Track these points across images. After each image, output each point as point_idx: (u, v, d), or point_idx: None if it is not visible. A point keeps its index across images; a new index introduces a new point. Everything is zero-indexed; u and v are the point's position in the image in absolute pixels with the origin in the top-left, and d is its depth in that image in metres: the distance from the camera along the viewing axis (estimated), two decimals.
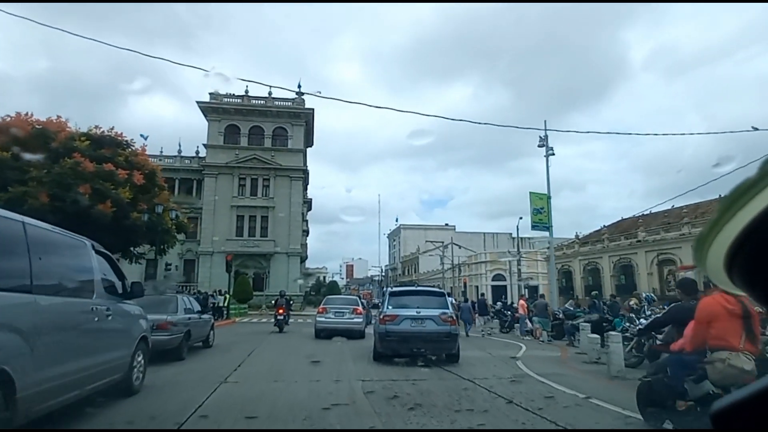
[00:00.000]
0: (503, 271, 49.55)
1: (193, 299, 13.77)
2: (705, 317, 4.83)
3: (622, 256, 30.95)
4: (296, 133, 53.11)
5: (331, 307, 17.93)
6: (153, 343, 8.34)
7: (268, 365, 10.59)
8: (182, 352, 10.59)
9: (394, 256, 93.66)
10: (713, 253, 0.76)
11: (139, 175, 22.55)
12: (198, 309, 12.57)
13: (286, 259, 51.21)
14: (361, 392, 7.61)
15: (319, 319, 17.73)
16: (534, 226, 21.60)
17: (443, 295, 12.81)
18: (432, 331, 10.75)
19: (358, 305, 18.30)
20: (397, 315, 10.99)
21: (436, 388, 8.16)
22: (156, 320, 9.65)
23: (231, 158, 50.77)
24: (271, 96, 53.14)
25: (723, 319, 4.72)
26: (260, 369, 9.95)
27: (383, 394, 7.40)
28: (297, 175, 52.67)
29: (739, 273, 0.75)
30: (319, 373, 9.50)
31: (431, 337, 10.72)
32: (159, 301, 11.00)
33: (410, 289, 13.92)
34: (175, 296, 11.25)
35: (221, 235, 49.56)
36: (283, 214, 51.47)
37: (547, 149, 22.00)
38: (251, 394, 7.50)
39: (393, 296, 12.12)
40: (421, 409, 6.39)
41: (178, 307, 10.86)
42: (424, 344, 10.63)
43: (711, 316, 4.80)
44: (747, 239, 0.70)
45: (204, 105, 50.83)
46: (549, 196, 21.74)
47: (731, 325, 4.70)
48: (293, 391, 7.76)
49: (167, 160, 52.64)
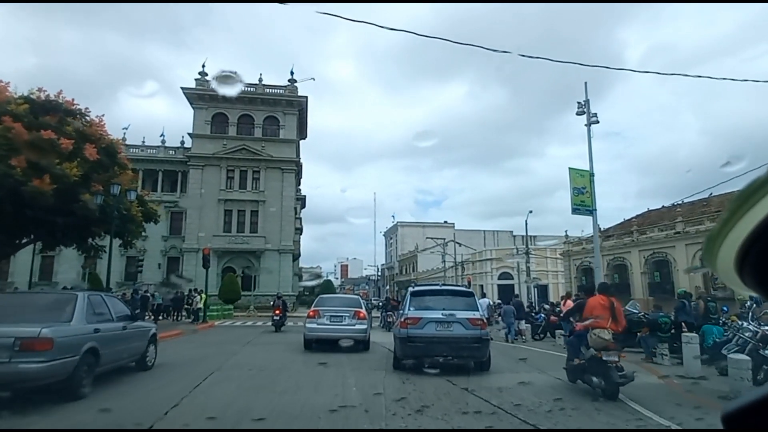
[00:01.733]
0: (510, 270, 45.42)
1: (119, 300, 9.38)
2: (589, 309, 8.13)
3: (655, 251, 26.86)
4: (288, 123, 48.77)
5: (326, 309, 13.67)
6: (19, 376, 5.44)
7: (218, 408, 6.28)
8: (78, 386, 6.26)
9: (391, 255, 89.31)
10: (723, 253, 0.74)
11: (92, 149, 18.14)
12: (123, 314, 8.17)
13: (278, 257, 46.85)
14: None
15: (309, 325, 13.49)
16: (575, 209, 17.42)
17: (472, 296, 11.07)
18: (460, 336, 9.51)
19: (360, 307, 14.05)
20: (420, 317, 9.70)
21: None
22: (19, 335, 5.37)
23: (218, 149, 46.40)
24: (262, 83, 48.85)
25: (598, 310, 7.89)
26: (198, 422, 5.64)
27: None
28: (289, 167, 48.32)
29: (750, 273, 0.73)
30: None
31: (459, 342, 9.51)
32: (44, 304, 6.75)
33: (435, 288, 11.82)
34: (74, 296, 6.86)
35: (208, 230, 45.14)
36: (275, 208, 47.18)
37: (589, 115, 17.85)
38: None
39: (415, 296, 10.55)
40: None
41: (75, 312, 6.52)
42: (451, 350, 9.41)
43: (592, 308, 8.06)
44: (758, 238, 0.68)
45: (189, 92, 46.42)
46: (592, 173, 17.61)
47: (602, 313, 7.82)
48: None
49: (150, 151, 48.30)
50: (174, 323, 23.40)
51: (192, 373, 8.63)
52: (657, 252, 27.14)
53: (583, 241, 33.54)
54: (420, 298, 10.52)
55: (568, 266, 34.96)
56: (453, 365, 9.39)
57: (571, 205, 17.42)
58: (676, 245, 25.91)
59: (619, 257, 30.24)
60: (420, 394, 7.38)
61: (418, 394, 7.32)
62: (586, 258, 32.85)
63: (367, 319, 14.12)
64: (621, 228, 32.44)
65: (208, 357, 10.79)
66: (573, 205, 17.40)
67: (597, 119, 17.72)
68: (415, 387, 7.94)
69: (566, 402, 6.98)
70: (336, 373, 9.33)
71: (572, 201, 17.37)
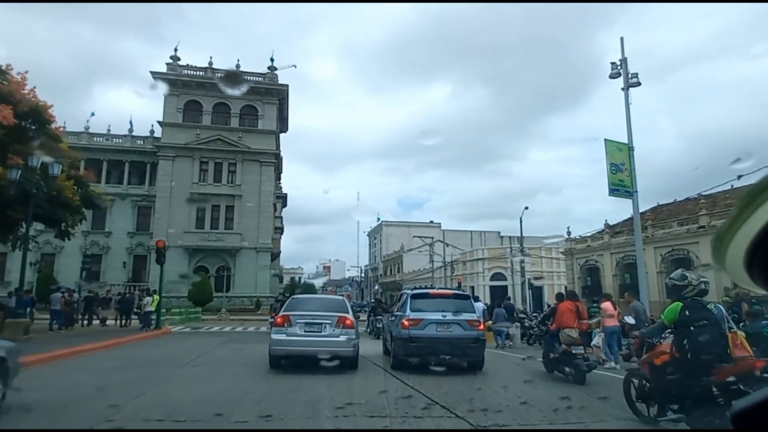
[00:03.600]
0: (504, 270, 41.99)
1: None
2: (560, 312, 9.47)
3: (675, 248, 23.55)
4: (268, 113, 44.72)
5: (300, 315, 9.87)
6: None
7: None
8: None
9: (375, 256, 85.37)
10: (732, 251, 0.73)
11: (8, 110, 14.01)
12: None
13: (255, 255, 42.68)
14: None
15: (276, 336, 9.69)
16: (612, 190, 13.90)
17: (469, 298, 11.48)
18: (459, 336, 9.84)
19: (346, 312, 10.23)
20: (421, 319, 9.90)
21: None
22: None
23: (191, 139, 42.13)
24: (239, 69, 44.70)
25: (567, 313, 9.25)
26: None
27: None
28: (268, 159, 44.22)
29: (759, 270, 0.72)
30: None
31: (459, 342, 9.81)
32: None
33: (433, 291, 12.27)
34: None
35: (178, 227, 40.81)
36: (252, 203, 43.04)
37: (627, 77, 14.32)
38: None
39: (415, 299, 10.70)
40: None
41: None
42: (451, 350, 9.70)
43: (562, 311, 9.41)
44: (767, 236, 0.68)
45: (159, 76, 41.97)
46: (631, 146, 14.13)
47: (571, 316, 9.19)
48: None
49: (116, 140, 43.74)
50: (121, 329, 19.22)
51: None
52: (676, 249, 23.86)
53: (588, 239, 30.19)
54: (419, 301, 10.61)
55: (570, 265, 31.59)
56: (455, 365, 9.70)
57: (608, 185, 13.90)
58: (700, 241, 22.67)
59: (631, 255, 26.86)
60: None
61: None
62: (591, 256, 29.53)
63: (356, 328, 10.32)
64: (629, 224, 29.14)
65: (110, 390, 6.77)
66: (610, 185, 13.88)
67: (638, 80, 14.20)
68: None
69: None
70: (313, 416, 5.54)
71: (609, 180, 13.86)
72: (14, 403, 5.59)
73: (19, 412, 5.45)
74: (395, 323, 10.71)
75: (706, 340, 4.98)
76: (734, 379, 4.76)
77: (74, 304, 20.16)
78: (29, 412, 5.46)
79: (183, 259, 40.91)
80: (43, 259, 40.97)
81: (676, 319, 5.21)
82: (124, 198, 43.07)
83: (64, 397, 6.24)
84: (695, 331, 5.02)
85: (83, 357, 10.70)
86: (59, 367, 9.04)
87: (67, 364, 9.53)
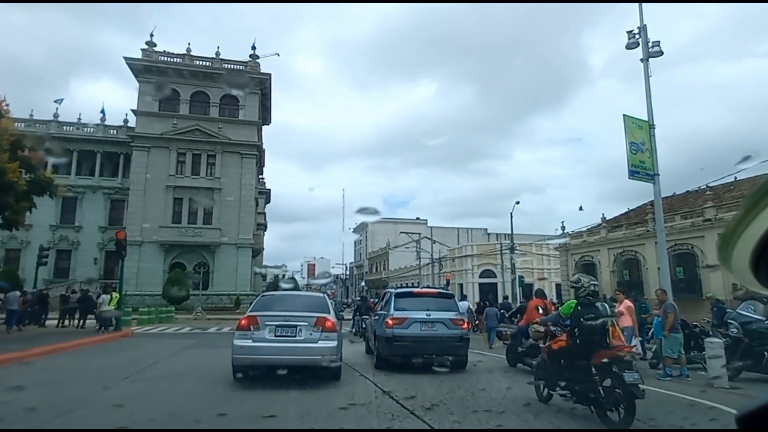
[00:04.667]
0: (493, 267, 40.35)
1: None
2: (529, 309, 10.21)
3: (678, 242, 22.03)
4: (249, 103, 42.49)
5: (270, 316, 7.95)
6: None
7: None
8: None
9: (360, 253, 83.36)
10: (738, 252, 0.72)
11: None
12: None
13: (235, 252, 40.47)
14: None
15: (239, 342, 7.78)
16: (633, 172, 12.14)
17: (452, 297, 11.38)
18: (443, 335, 9.71)
19: (327, 312, 8.35)
20: (405, 318, 9.75)
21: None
22: None
23: (167, 128, 39.70)
24: (219, 57, 42.43)
25: (533, 310, 9.82)
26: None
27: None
28: (249, 151, 41.96)
29: (765, 271, 0.72)
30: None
31: (443, 341, 9.68)
32: None
33: (417, 290, 11.89)
34: None
35: (154, 221, 38.41)
36: (232, 197, 40.79)
37: (646, 46, 12.60)
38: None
39: (399, 298, 10.46)
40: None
41: None
42: (435, 349, 9.62)
43: (530, 308, 10.13)
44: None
45: (134, 63, 39.47)
46: (652, 124, 12.45)
47: (537, 313, 9.46)
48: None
49: (87, 129, 41.09)
50: (76, 331, 17.04)
51: None
52: (679, 243, 22.35)
53: (584, 234, 28.63)
54: (403, 299, 10.44)
55: (565, 261, 30.03)
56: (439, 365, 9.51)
57: (628, 166, 12.15)
58: (706, 235, 21.19)
59: (630, 250, 25.39)
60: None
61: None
62: (587, 252, 27.99)
63: (339, 331, 8.44)
64: (628, 218, 27.68)
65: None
66: (630, 166, 12.13)
67: (660, 49, 12.49)
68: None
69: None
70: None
71: (629, 161, 12.10)
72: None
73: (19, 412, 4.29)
74: (379, 322, 10.46)
75: (590, 331, 5.99)
76: (608, 361, 5.69)
77: (29, 304, 18.04)
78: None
79: (158, 255, 38.55)
80: (7, 255, 38.28)
81: (570, 313, 6.35)
82: (96, 191, 40.51)
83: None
84: (583, 324, 6.04)
85: (2, 368, 8.62)
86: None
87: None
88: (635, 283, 24.13)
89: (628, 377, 5.35)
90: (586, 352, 5.95)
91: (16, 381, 7.25)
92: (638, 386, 5.35)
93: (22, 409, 5.38)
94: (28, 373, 8.22)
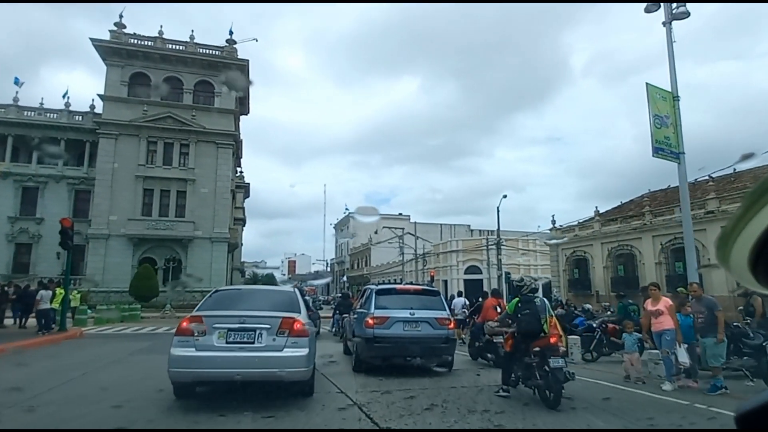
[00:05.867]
0: (479, 263, 38.85)
1: None
2: (486, 307, 10.95)
3: (677, 236, 20.67)
4: (226, 90, 40.13)
5: (221, 318, 6.09)
6: None
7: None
8: None
9: (342, 249, 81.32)
10: (737, 251, 0.71)
11: None
12: None
13: (210, 246, 38.18)
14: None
15: (179, 352, 5.87)
16: (657, 149, 10.51)
17: (438, 294, 10.52)
18: (428, 336, 8.95)
19: (295, 311, 6.51)
20: (387, 317, 8.96)
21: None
22: None
23: (137, 115, 37.17)
24: (194, 41, 39.98)
25: (491, 308, 10.62)
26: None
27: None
28: (225, 141, 39.65)
29: (764, 271, 0.72)
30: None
31: (428, 342, 8.91)
32: None
33: (399, 287, 11.29)
34: None
35: (122, 213, 35.92)
36: (207, 189, 38.52)
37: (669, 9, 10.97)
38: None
39: (380, 295, 9.58)
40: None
41: None
42: (419, 350, 8.83)
43: (487, 307, 10.87)
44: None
45: (101, 44, 36.82)
46: (676, 95, 10.86)
47: (493, 311, 10.30)
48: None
49: (50, 115, 38.27)
50: (17, 331, 14.83)
51: None
52: (678, 237, 20.94)
53: (576, 227, 27.20)
54: (385, 297, 9.60)
55: (556, 257, 28.56)
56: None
57: (652, 142, 10.50)
58: (708, 228, 19.87)
59: (625, 245, 24.00)
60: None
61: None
62: (579, 247, 26.55)
63: (311, 335, 6.61)
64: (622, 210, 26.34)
65: None
66: (654, 142, 10.48)
67: (686, 9, 10.89)
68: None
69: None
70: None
71: (653, 137, 10.44)
72: None
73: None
74: (358, 321, 9.68)
75: (527, 323, 6.98)
76: (539, 350, 6.64)
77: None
78: None
79: (126, 249, 36.08)
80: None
81: (513, 310, 7.35)
82: (59, 180, 37.73)
83: None
84: (522, 317, 7.08)
85: None
86: None
87: None
88: (630, 279, 22.79)
89: (552, 363, 6.26)
90: (525, 341, 6.91)
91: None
92: (562, 370, 6.22)
93: None
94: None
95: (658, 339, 7.97)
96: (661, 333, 7.82)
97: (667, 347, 7.75)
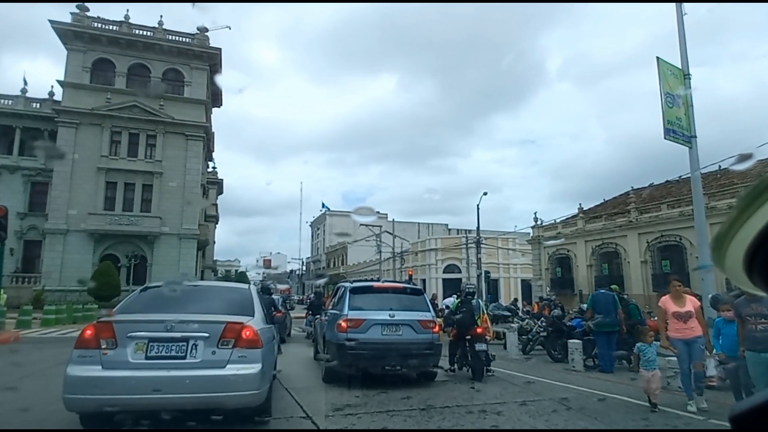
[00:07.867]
0: (458, 262, 37.66)
1: None
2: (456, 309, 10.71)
3: (664, 233, 19.79)
4: (196, 80, 38.02)
5: (139, 324, 4.47)
6: None
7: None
8: None
9: (317, 247, 79.37)
10: (732, 253, 0.71)
11: None
12: None
13: (177, 243, 35.97)
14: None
15: (77, 371, 4.26)
16: (668, 131, 9.35)
17: (422, 294, 9.17)
18: (411, 341, 7.84)
19: (248, 313, 5.01)
20: (363, 319, 7.76)
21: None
22: None
23: (100, 103, 34.65)
24: (162, 27, 37.68)
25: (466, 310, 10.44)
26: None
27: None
28: (196, 133, 37.45)
29: (759, 272, 0.72)
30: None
31: (409, 348, 7.76)
32: None
33: (378, 285, 9.13)
34: None
35: (82, 207, 33.40)
36: (175, 183, 36.28)
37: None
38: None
39: (356, 294, 8.35)
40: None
41: None
42: (400, 358, 7.62)
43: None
44: (767, 238, 0.66)
45: (61, 27, 34.25)
46: (687, 73, 9.68)
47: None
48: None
49: (4, 101, 35.48)
50: None
51: None
52: (666, 235, 20.11)
53: (558, 225, 26.17)
54: (361, 296, 8.35)
55: (538, 255, 27.49)
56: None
57: (663, 123, 9.30)
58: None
59: (610, 242, 23.02)
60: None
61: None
62: (562, 245, 25.51)
63: (267, 347, 5.04)
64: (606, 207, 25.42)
65: None
66: (665, 123, 9.30)
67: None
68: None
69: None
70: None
71: (664, 116, 9.27)
72: None
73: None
74: (330, 324, 8.48)
75: (463, 319, 9.05)
76: (470, 338, 8.62)
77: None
78: None
79: (87, 245, 33.59)
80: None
81: (455, 308, 9.58)
82: (14, 171, 34.98)
83: None
84: (459, 314, 9.18)
85: None
86: None
87: None
88: (615, 278, 21.80)
89: (477, 347, 8.42)
90: (463, 332, 8.84)
91: None
92: (485, 352, 8.42)
93: None
94: None
95: (685, 348, 6.54)
96: (693, 341, 6.43)
97: (700, 359, 6.40)
